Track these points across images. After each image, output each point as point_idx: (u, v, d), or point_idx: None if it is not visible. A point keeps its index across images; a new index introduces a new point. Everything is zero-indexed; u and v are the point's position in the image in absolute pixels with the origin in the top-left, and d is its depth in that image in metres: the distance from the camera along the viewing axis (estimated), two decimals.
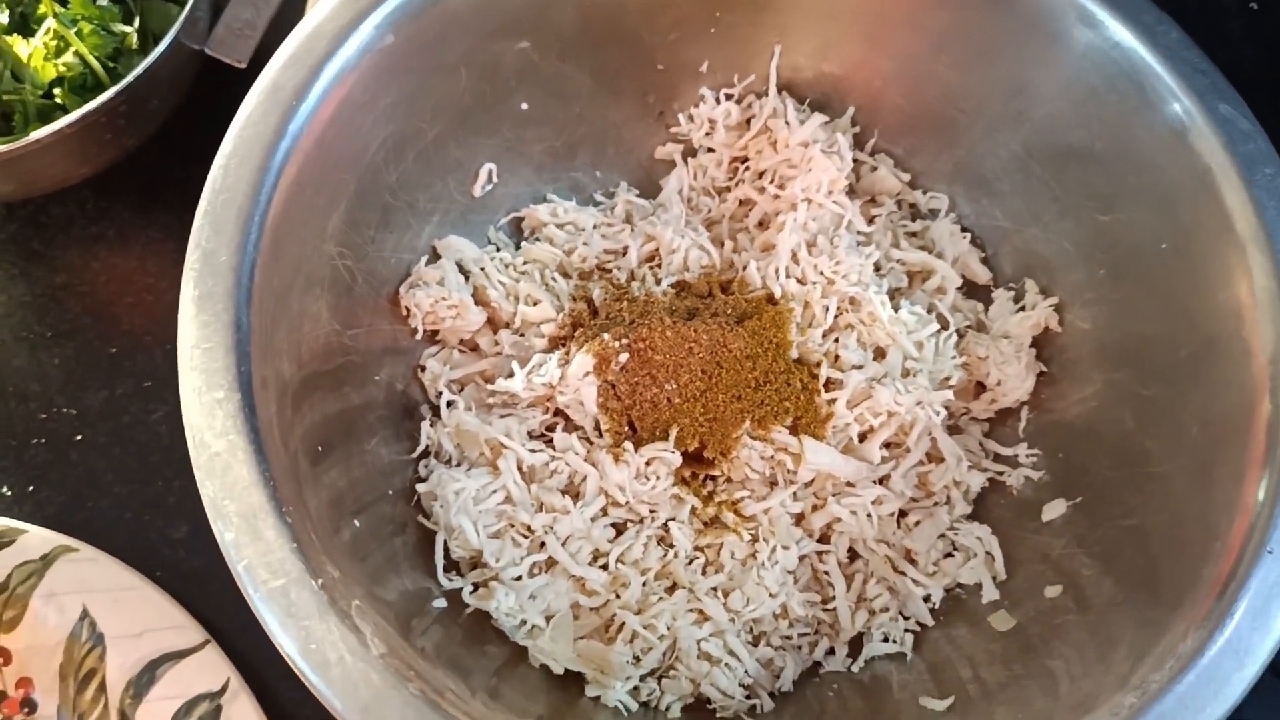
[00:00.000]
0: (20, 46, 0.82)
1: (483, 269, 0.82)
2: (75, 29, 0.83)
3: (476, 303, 0.81)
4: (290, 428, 0.65)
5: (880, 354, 0.80)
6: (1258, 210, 0.68)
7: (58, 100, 0.82)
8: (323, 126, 0.70)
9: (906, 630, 0.76)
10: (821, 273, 0.79)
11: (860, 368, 0.78)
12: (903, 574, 0.77)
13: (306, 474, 0.65)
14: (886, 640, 0.76)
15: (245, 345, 0.63)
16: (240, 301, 0.63)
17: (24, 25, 0.86)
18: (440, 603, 0.71)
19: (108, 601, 0.77)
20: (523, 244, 0.86)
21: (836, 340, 0.79)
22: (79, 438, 0.85)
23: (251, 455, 0.60)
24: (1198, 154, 0.71)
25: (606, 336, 0.74)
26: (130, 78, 0.79)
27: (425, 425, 0.78)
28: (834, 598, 0.77)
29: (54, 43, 0.83)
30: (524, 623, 0.72)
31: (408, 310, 0.80)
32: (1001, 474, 0.81)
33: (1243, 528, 0.62)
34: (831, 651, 0.77)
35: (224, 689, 0.75)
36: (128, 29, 0.86)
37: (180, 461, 0.83)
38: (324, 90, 0.69)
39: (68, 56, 0.82)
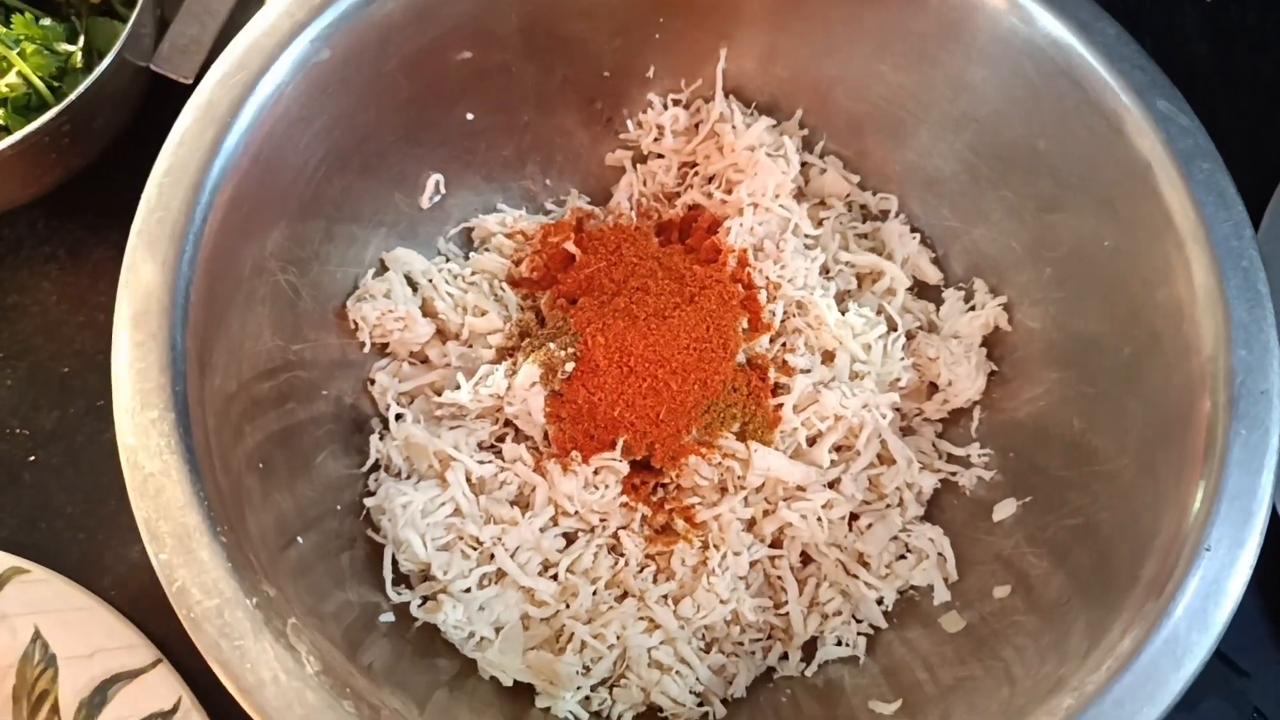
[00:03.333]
0: None
1: (430, 281, 0.82)
2: (18, 49, 0.83)
3: (425, 314, 0.81)
4: (231, 446, 0.65)
5: (828, 357, 0.80)
6: (1196, 206, 0.68)
7: (0, 122, 0.82)
8: (259, 143, 0.69)
9: (859, 633, 0.76)
10: (768, 277, 0.79)
11: (808, 371, 0.78)
12: (855, 577, 0.77)
13: (250, 492, 0.65)
14: (840, 644, 0.76)
15: (180, 364, 0.62)
16: (175, 320, 0.63)
17: None
18: (388, 617, 0.71)
19: (59, 622, 0.77)
20: (472, 255, 0.85)
21: (784, 344, 0.79)
22: (31, 458, 0.85)
23: (186, 475, 0.60)
24: (1137, 150, 0.71)
25: (552, 346, 0.74)
26: (73, 96, 0.78)
27: (374, 439, 0.78)
28: (786, 602, 0.76)
29: None
30: (473, 635, 0.72)
31: (355, 324, 0.79)
32: (954, 474, 0.81)
33: (1181, 526, 0.62)
34: (785, 656, 0.77)
35: (176, 708, 0.75)
36: (72, 48, 0.86)
37: None
38: (260, 107, 0.69)
39: (10, 77, 0.82)
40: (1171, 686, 0.58)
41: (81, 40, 0.87)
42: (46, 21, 0.86)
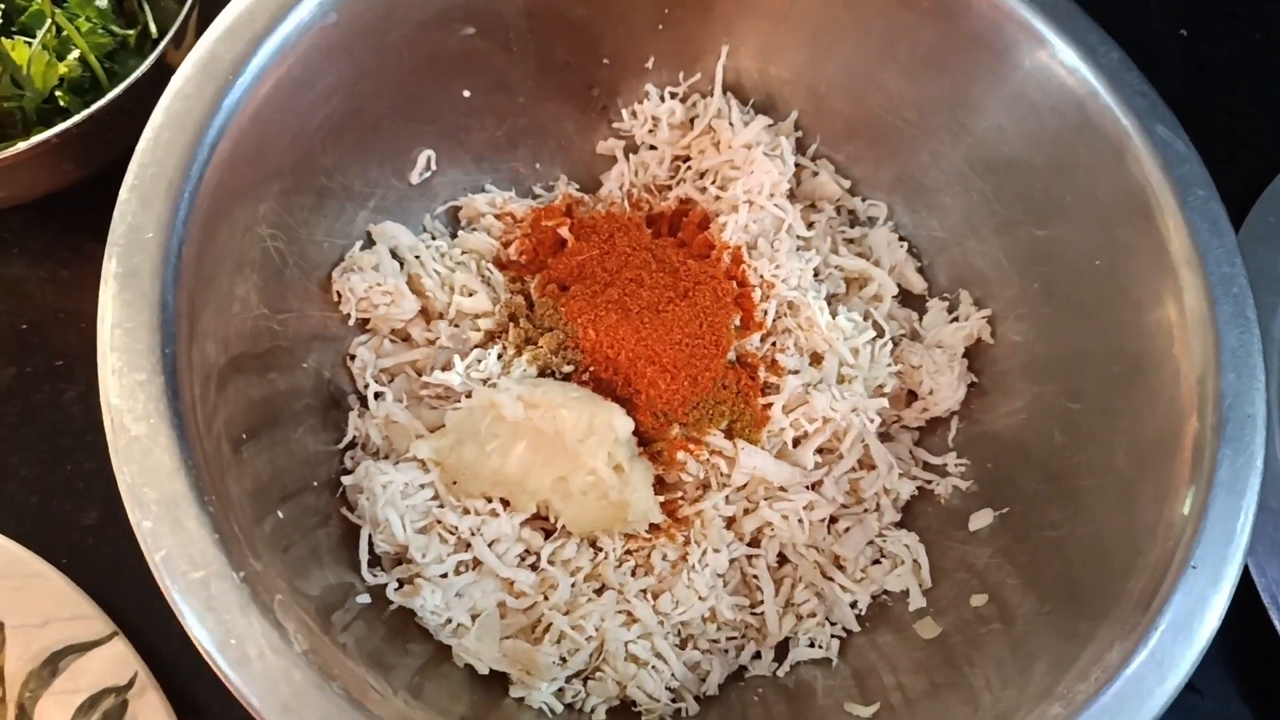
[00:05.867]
0: (17, 51, 0.79)
1: (418, 257, 0.80)
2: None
3: (410, 291, 0.79)
4: (213, 413, 0.63)
5: (817, 359, 0.80)
6: (1191, 232, 0.69)
7: (60, 103, 0.80)
8: (259, 103, 0.67)
9: (833, 636, 0.76)
10: (762, 276, 0.79)
11: (797, 372, 0.78)
12: (830, 580, 0.77)
13: (229, 461, 0.63)
14: (812, 645, 0.76)
15: (171, 326, 0.60)
16: (167, 280, 0.61)
17: (5, 26, 0.82)
18: (363, 598, 0.69)
19: (9, 589, 0.74)
20: (459, 234, 0.84)
21: (774, 344, 0.79)
22: None
23: (174, 441, 0.58)
24: (1134, 175, 0.72)
25: (544, 348, 0.74)
26: (134, 76, 0.76)
27: (353, 416, 0.76)
28: (762, 602, 0.76)
29: (54, 43, 0.80)
30: (449, 621, 0.70)
31: (339, 295, 0.77)
32: (930, 483, 0.81)
33: (1168, 543, 0.63)
34: (757, 656, 0.76)
35: (131, 683, 0.72)
36: (128, 32, 0.84)
37: (91, 445, 0.81)
38: (262, 65, 0.67)
39: (70, 57, 0.80)
40: (1156, 699, 0.59)
41: (147, 16, 0.85)
42: (101, 3, 0.83)
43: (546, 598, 0.72)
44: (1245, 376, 0.66)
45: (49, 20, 0.80)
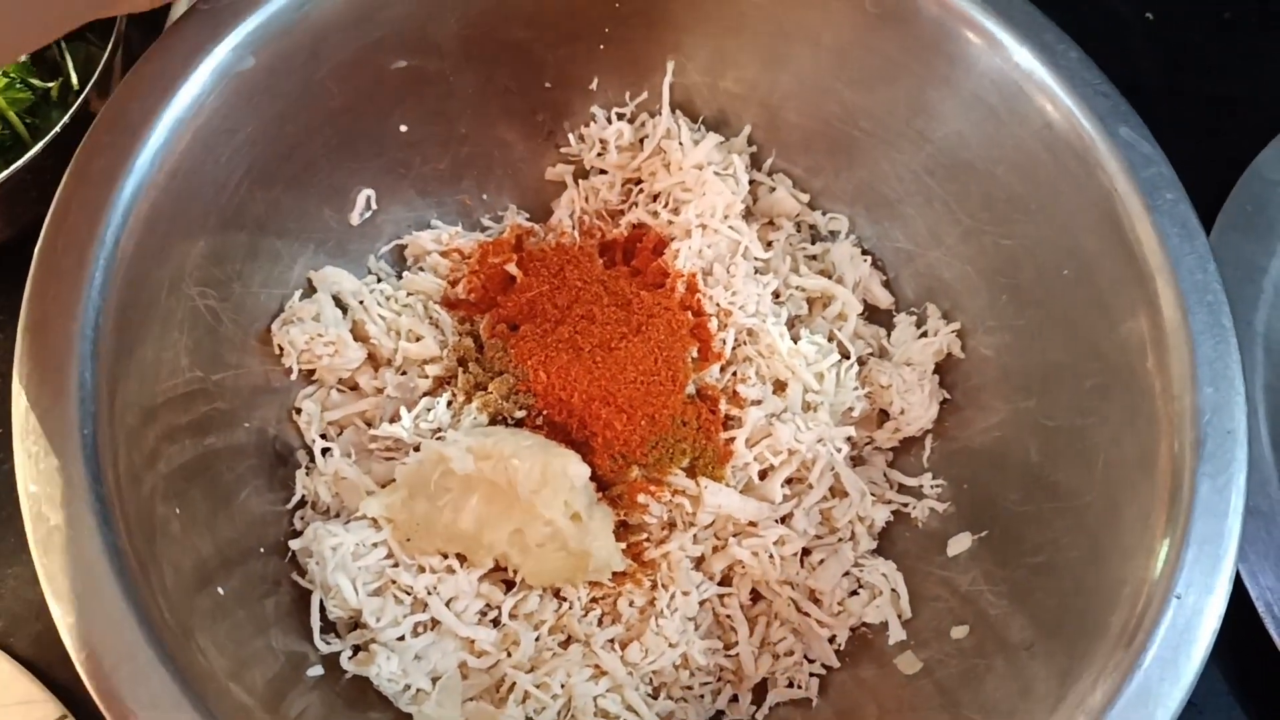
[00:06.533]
0: None
1: (361, 302, 0.77)
2: None
3: (355, 338, 0.76)
4: (142, 491, 0.60)
5: (780, 387, 0.77)
6: (1161, 239, 0.66)
7: None
8: (177, 158, 0.64)
9: (812, 674, 0.73)
10: (718, 304, 0.76)
11: (759, 403, 0.75)
12: (807, 615, 0.74)
13: (165, 538, 0.60)
14: (791, 685, 0.73)
15: (90, 405, 0.57)
16: (83, 355, 0.58)
17: None
18: (316, 670, 0.66)
19: None
20: (405, 274, 0.81)
21: (735, 374, 0.76)
22: None
23: (96, 528, 0.55)
24: (1099, 179, 0.69)
25: (494, 393, 0.71)
26: (55, 130, 0.73)
27: (300, 474, 0.73)
28: (736, 643, 0.73)
29: None
30: (408, 687, 0.67)
31: (281, 349, 0.74)
32: (906, 505, 0.78)
33: (1149, 571, 0.60)
34: (735, 699, 0.74)
35: None
36: (49, 84, 0.81)
37: None
38: (177, 119, 0.64)
39: None
40: None
41: (71, 69, 0.81)
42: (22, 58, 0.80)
43: (509, 654, 0.69)
44: (1223, 390, 0.63)
45: None
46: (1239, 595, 0.76)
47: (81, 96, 0.74)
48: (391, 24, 0.73)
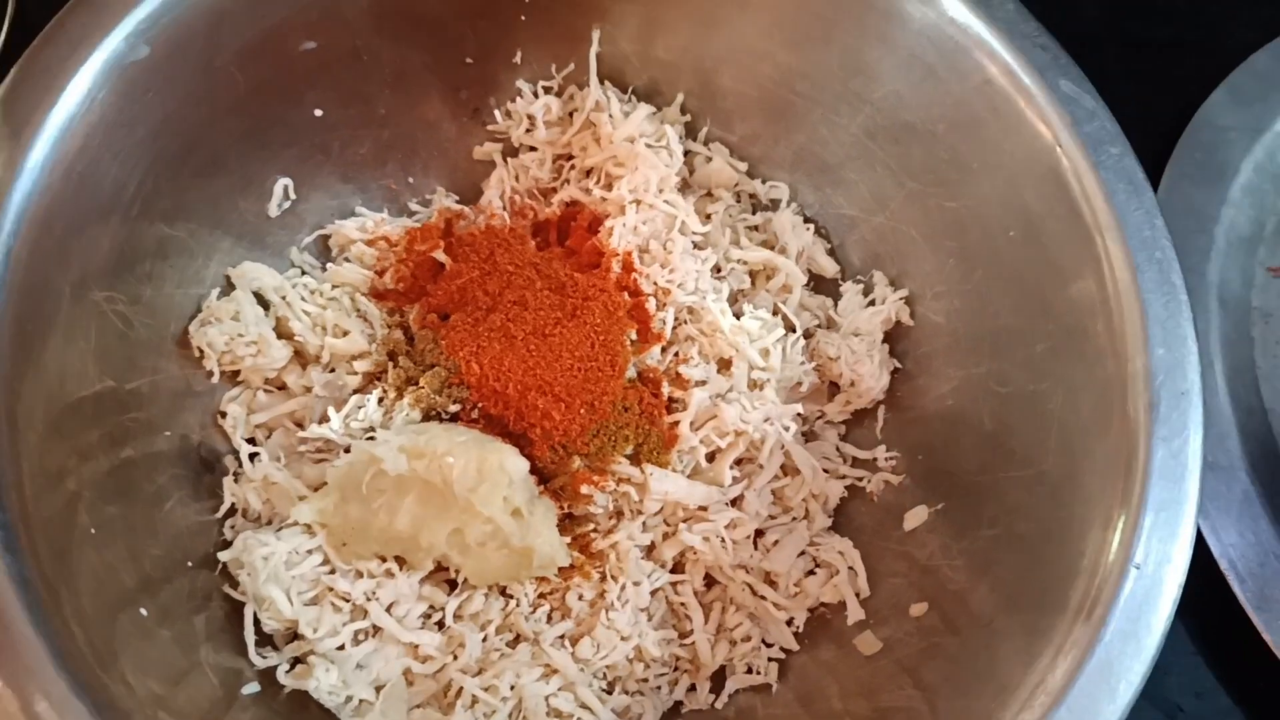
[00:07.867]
0: None
1: (284, 298, 0.73)
2: None
3: (280, 336, 0.73)
4: (52, 509, 0.57)
5: (725, 365, 0.74)
6: (1106, 195, 0.64)
7: None
8: (71, 157, 0.61)
9: (771, 659, 0.71)
10: (655, 283, 0.73)
11: (704, 383, 0.72)
12: (763, 598, 0.72)
13: (79, 560, 0.57)
14: (750, 671, 0.71)
15: None
16: None
17: None
18: (252, 688, 0.63)
19: None
20: (329, 266, 0.77)
21: (676, 354, 0.73)
22: None
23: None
24: (1041, 134, 0.66)
25: (425, 388, 0.68)
26: None
27: (228, 481, 0.70)
28: (692, 631, 0.71)
29: None
30: (350, 699, 0.65)
31: (200, 351, 0.71)
32: (861, 480, 0.76)
33: (1106, 542, 0.58)
34: (693, 689, 0.71)
35: None
36: None
37: None
38: (69, 117, 0.60)
39: None
40: (1109, 716, 0.54)
41: None
42: None
43: (456, 658, 0.67)
44: (1176, 350, 0.61)
45: None
46: (1201, 552, 0.75)
47: None
48: (296, 3, 0.69)
